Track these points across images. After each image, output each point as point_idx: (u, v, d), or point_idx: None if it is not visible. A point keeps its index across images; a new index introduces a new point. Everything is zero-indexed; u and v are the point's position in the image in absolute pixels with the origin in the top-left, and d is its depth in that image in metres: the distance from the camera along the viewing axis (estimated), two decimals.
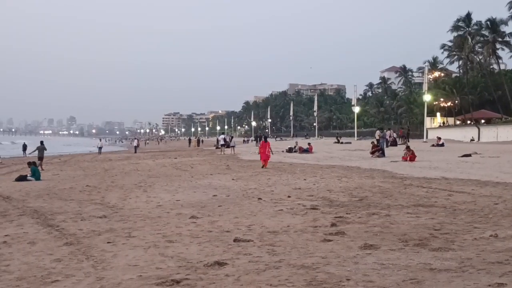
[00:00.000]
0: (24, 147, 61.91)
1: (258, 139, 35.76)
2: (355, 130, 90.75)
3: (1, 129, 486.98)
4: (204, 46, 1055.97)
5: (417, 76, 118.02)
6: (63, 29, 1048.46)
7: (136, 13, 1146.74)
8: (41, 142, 37.01)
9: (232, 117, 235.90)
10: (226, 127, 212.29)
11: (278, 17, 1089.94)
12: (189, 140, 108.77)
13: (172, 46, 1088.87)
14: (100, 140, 77.62)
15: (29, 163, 26.80)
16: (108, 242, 9.42)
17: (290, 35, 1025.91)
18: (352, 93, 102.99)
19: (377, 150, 35.55)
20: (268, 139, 33.27)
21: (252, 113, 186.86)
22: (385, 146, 38.30)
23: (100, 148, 66.98)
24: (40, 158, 35.23)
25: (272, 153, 30.92)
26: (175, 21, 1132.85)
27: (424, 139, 63.39)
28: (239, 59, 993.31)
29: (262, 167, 28.68)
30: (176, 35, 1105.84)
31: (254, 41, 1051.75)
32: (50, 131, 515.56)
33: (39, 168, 32.24)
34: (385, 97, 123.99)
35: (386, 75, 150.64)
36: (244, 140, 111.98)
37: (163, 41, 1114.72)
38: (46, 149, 37.04)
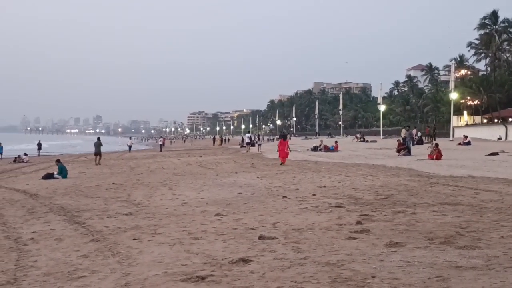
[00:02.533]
0: (39, 146, 61.75)
1: (283, 137, 36.75)
2: (381, 129, 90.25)
3: (28, 128, 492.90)
4: (229, 44, 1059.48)
5: (443, 74, 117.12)
6: (88, 34, 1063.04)
7: (160, 14, 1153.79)
8: (98, 139, 39.10)
9: (257, 116, 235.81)
10: (251, 125, 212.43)
11: (303, 12, 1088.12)
12: (214, 138, 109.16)
13: (197, 45, 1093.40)
14: (130, 138, 78.18)
15: (57, 161, 27.12)
16: (134, 239, 9.50)
17: (315, 33, 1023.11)
18: (378, 92, 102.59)
19: (403, 149, 35.34)
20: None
21: (277, 111, 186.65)
22: (411, 144, 38.01)
23: (129, 146, 67.42)
24: (97, 153, 37.19)
25: (290, 151, 32.21)
26: (200, 20, 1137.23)
27: (451, 138, 62.84)
28: (264, 58, 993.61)
29: (281, 164, 29.43)
30: (201, 33, 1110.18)
31: (278, 39, 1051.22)
32: (77, 130, 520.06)
33: (96, 163, 35.58)
34: (411, 95, 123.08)
35: (412, 73, 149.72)
36: (268, 139, 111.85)
37: (188, 41, 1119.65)
38: (102, 145, 38.62)
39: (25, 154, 46.63)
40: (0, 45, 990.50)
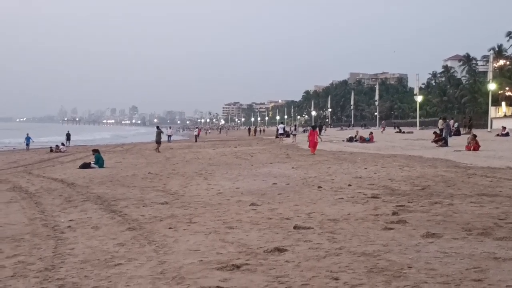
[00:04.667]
0: (68, 136, 61.30)
1: (318, 128, 37.79)
2: (417, 120, 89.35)
3: (66, 118, 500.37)
4: (263, 30, 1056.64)
5: (481, 65, 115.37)
6: (123, 27, 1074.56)
7: (195, 2, 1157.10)
8: (157, 127, 41.65)
9: (292, 107, 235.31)
10: (285, 116, 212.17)
11: (338, 4, 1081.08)
12: (249, 129, 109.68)
13: (232, 35, 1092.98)
14: (170, 128, 78.79)
15: (94, 151, 27.46)
16: (169, 228, 9.57)
17: (351, 23, 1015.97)
18: (415, 82, 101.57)
19: (440, 140, 34.91)
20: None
21: (312, 102, 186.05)
22: (448, 135, 37.53)
23: (169, 136, 67.62)
24: (158, 142, 39.91)
25: (321, 140, 34.81)
26: (231, 8, 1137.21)
27: (488, 129, 61.89)
28: (300, 48, 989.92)
29: (311, 154, 30.49)
30: (235, 22, 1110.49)
31: (314, 28, 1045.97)
32: (113, 120, 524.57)
33: (156, 150, 38.18)
34: (448, 86, 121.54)
35: (449, 63, 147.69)
36: (304, 130, 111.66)
37: (222, 28, 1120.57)
38: (162, 132, 41.99)
39: (63, 144, 47.30)
40: (39, 40, 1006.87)
